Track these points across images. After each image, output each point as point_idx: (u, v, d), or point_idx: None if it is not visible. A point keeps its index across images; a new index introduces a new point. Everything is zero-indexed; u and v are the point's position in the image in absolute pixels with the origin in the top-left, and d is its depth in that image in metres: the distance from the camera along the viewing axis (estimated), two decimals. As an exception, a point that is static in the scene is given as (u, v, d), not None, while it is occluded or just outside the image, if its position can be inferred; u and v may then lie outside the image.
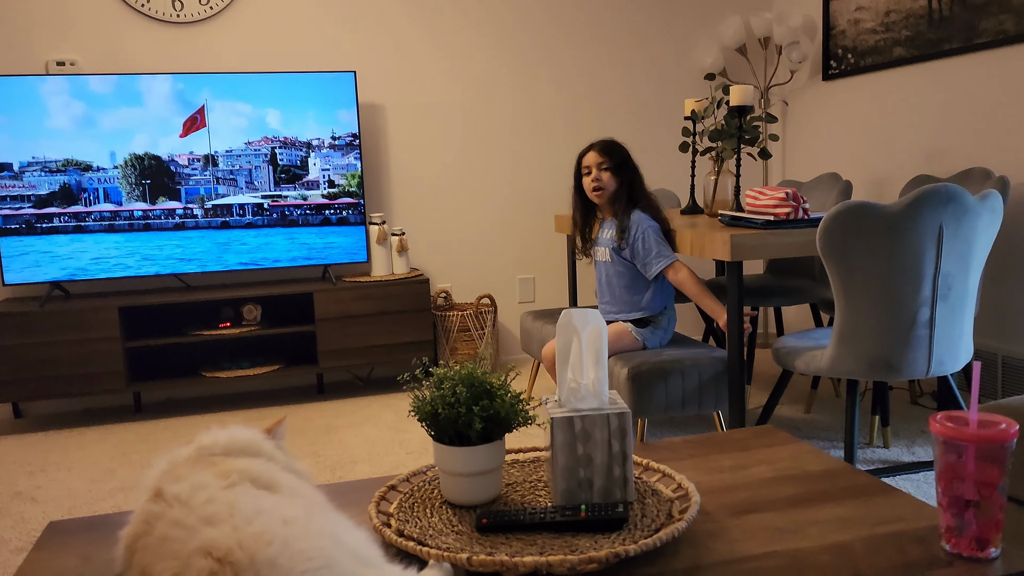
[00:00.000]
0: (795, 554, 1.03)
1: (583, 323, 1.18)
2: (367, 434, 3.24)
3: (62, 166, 3.49)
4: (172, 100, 3.58)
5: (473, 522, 1.12)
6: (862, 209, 2.06)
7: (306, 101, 3.73)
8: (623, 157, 2.78)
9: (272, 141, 3.72)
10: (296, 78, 3.71)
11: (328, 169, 3.81)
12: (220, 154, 3.66)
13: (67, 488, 2.77)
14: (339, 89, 3.76)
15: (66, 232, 3.52)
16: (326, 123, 3.77)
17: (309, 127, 3.76)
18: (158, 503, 0.95)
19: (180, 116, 3.60)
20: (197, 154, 3.64)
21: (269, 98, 3.69)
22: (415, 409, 1.17)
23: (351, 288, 3.71)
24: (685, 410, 2.58)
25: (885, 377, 2.19)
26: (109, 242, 3.57)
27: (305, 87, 3.72)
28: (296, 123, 3.74)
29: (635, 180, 2.79)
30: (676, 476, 1.22)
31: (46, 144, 3.47)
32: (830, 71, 4.08)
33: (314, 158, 3.78)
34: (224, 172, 3.68)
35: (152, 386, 3.55)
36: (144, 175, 3.59)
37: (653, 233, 2.68)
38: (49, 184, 3.48)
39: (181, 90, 3.58)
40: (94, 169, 3.53)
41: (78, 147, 3.50)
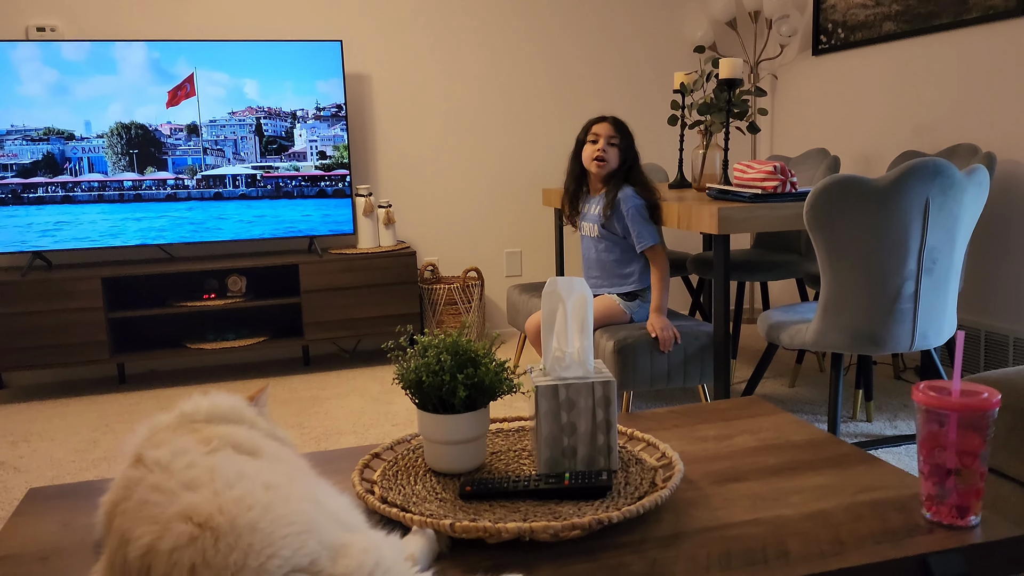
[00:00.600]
0: (777, 521, 1.04)
1: (568, 291, 1.17)
2: (352, 406, 3.24)
3: (43, 135, 3.43)
4: (154, 68, 3.53)
5: (457, 490, 1.12)
6: (849, 183, 2.05)
7: (291, 71, 3.69)
8: (631, 140, 2.79)
9: (257, 111, 3.68)
10: (281, 47, 3.66)
11: (315, 140, 3.77)
12: (205, 124, 3.62)
13: (49, 458, 2.75)
14: (325, 59, 3.71)
15: (54, 203, 3.47)
16: (312, 93, 3.72)
17: (294, 97, 3.71)
18: (138, 468, 0.94)
19: (162, 85, 3.54)
20: (182, 124, 3.59)
21: (254, 67, 3.64)
22: (399, 377, 1.16)
23: (337, 260, 3.69)
24: (670, 383, 2.59)
25: (869, 351, 2.20)
26: (96, 212, 3.53)
27: (290, 56, 3.67)
28: (281, 93, 3.69)
29: (634, 167, 2.78)
30: (660, 445, 1.22)
31: (25, 112, 3.41)
32: (820, 45, 4.06)
33: (299, 129, 3.74)
34: (209, 143, 3.63)
35: (135, 357, 3.53)
36: (131, 145, 3.54)
37: (636, 212, 2.67)
38: (32, 153, 3.43)
39: (163, 58, 3.53)
40: (77, 138, 3.48)
41: (58, 116, 3.45)
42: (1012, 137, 3.00)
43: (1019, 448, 1.52)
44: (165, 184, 3.60)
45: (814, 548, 0.97)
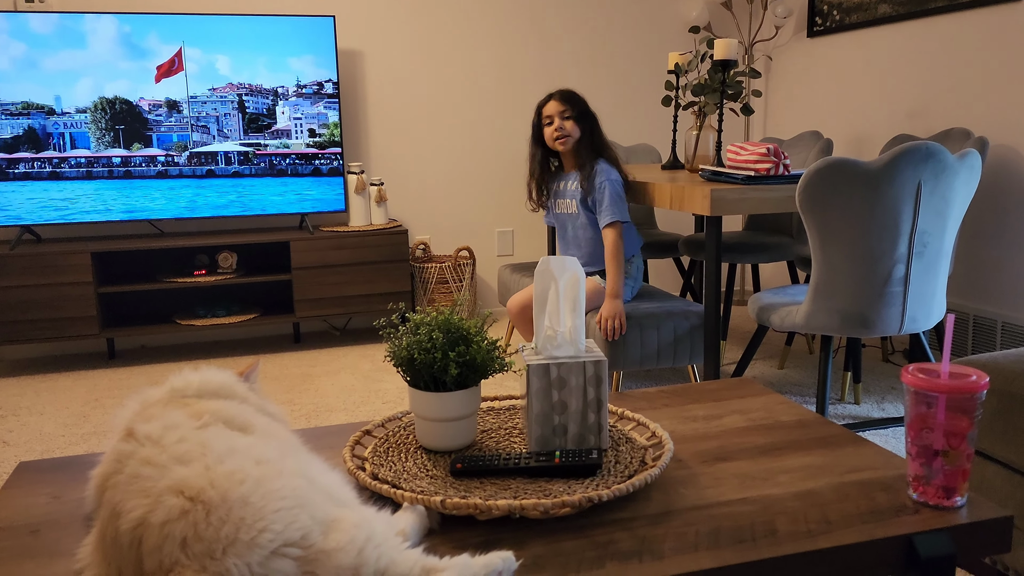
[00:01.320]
0: (765, 500, 1.05)
1: (561, 270, 1.17)
2: (343, 383, 3.24)
3: (23, 109, 3.39)
4: (141, 43, 3.49)
5: (447, 467, 1.12)
6: (842, 165, 2.05)
7: (283, 46, 3.65)
8: (584, 106, 2.75)
9: (248, 87, 3.64)
10: (273, 21, 3.62)
11: (302, 118, 3.74)
12: (192, 100, 3.58)
13: (39, 432, 2.75)
14: (317, 34, 3.68)
15: (40, 179, 3.44)
16: (304, 69, 3.69)
17: (287, 73, 3.68)
18: (129, 442, 0.94)
19: (148, 60, 3.50)
20: (168, 99, 3.55)
21: (245, 42, 3.60)
22: (391, 354, 1.16)
23: (329, 238, 3.68)
24: (660, 363, 2.60)
25: (859, 333, 2.21)
26: (88, 189, 3.50)
27: (282, 31, 3.63)
28: (273, 69, 3.66)
29: (595, 129, 2.76)
30: (650, 425, 1.22)
31: (3, 86, 3.37)
32: (815, 27, 4.05)
33: (290, 106, 3.71)
34: (196, 119, 3.60)
35: (125, 332, 3.51)
36: (116, 120, 3.50)
37: (611, 187, 2.66)
38: (12, 128, 3.39)
39: (151, 32, 3.48)
40: (59, 113, 3.44)
41: (35, 90, 3.41)
42: (1004, 122, 3.01)
43: (1005, 431, 1.54)
44: (155, 161, 3.57)
45: (802, 527, 0.98)
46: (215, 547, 0.78)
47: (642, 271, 2.84)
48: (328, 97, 3.74)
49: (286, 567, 0.79)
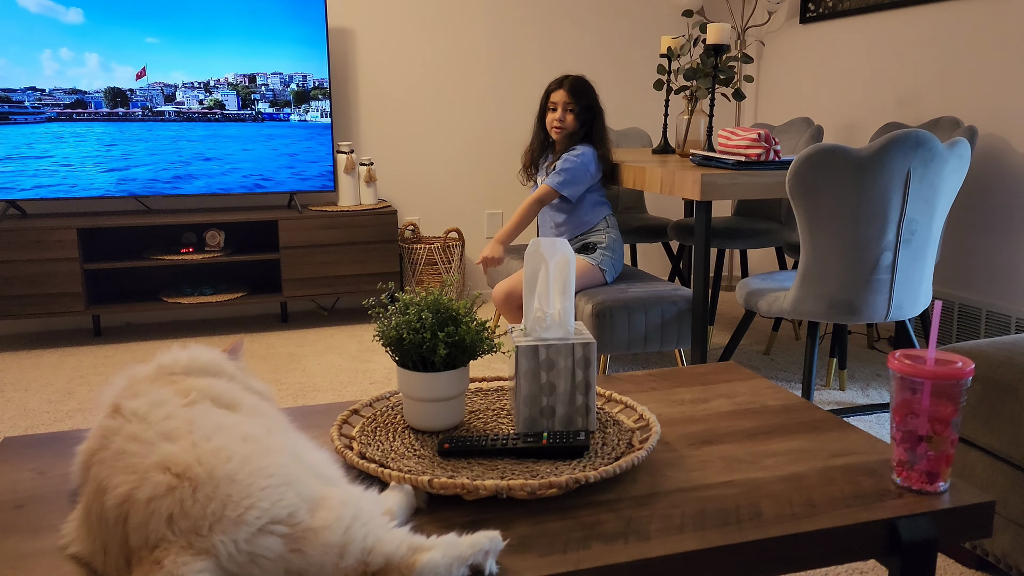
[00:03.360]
0: (751, 483, 1.05)
1: (551, 252, 1.17)
2: (330, 363, 3.23)
3: (16, 79, 3.35)
4: (120, 15, 3.44)
5: (435, 447, 1.12)
6: (832, 152, 2.06)
7: (273, 22, 3.61)
8: (590, 101, 2.77)
9: (236, 64, 3.61)
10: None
11: (286, 92, 3.71)
12: (182, 84, 3.54)
13: (23, 408, 2.73)
14: (308, 11, 3.64)
15: (24, 123, 3.40)
16: (295, 46, 3.66)
17: (278, 50, 3.64)
18: (116, 418, 0.94)
19: (138, 30, 3.46)
20: (158, 81, 3.51)
21: (233, 18, 3.56)
22: (380, 334, 1.16)
23: (317, 217, 3.66)
24: (647, 347, 2.61)
25: (845, 319, 2.22)
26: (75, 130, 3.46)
27: (272, 7, 3.59)
28: (263, 45, 3.62)
29: (597, 124, 2.78)
30: (638, 407, 1.23)
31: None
32: (808, 14, 4.04)
33: (281, 82, 3.68)
34: (186, 91, 3.57)
35: (111, 309, 3.49)
36: (108, 101, 3.47)
37: (573, 161, 2.68)
38: None
39: (128, 4, 3.43)
40: (46, 92, 3.40)
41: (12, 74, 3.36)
42: (994, 111, 3.02)
43: (988, 418, 1.55)
44: (146, 112, 3.54)
45: (786, 510, 0.98)
46: (201, 524, 0.78)
47: (620, 244, 2.83)
48: (316, 73, 3.70)
49: (273, 544, 0.79)
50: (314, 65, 3.70)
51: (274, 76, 3.70)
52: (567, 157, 2.70)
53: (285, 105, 3.70)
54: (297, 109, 3.71)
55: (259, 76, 3.67)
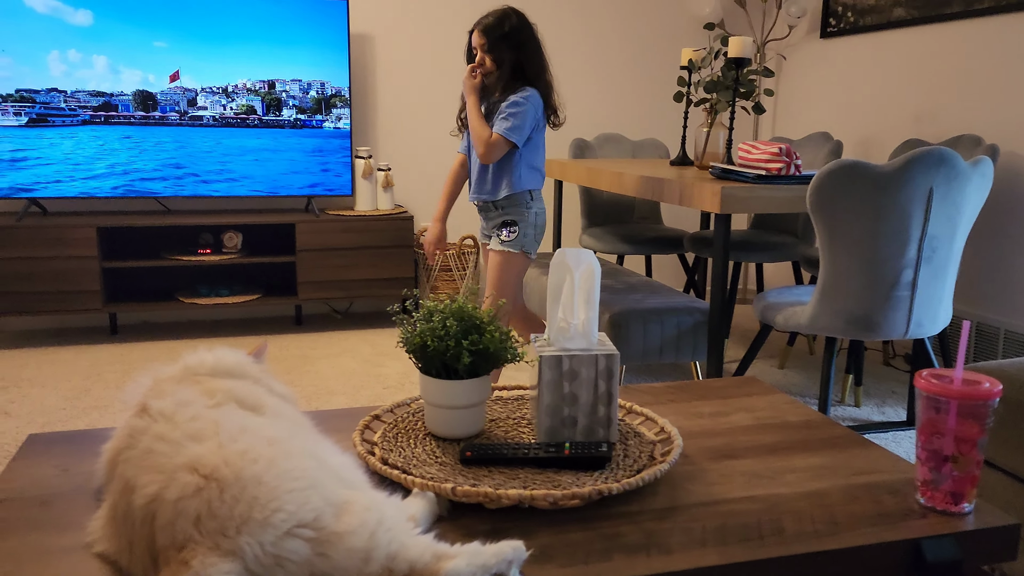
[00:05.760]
0: (772, 499, 1.05)
1: (577, 262, 1.17)
2: (344, 366, 3.24)
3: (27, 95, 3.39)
4: (146, 18, 3.47)
5: (456, 454, 1.12)
6: (855, 168, 2.05)
7: (294, 29, 3.64)
8: (500, 35, 2.43)
9: (258, 70, 3.63)
10: (285, 3, 3.60)
11: (309, 98, 3.73)
12: (203, 88, 3.57)
13: (41, 404, 2.75)
14: (330, 17, 3.66)
15: (55, 126, 3.43)
16: (316, 52, 3.68)
17: (298, 55, 3.67)
18: (143, 418, 0.94)
19: (156, 38, 3.49)
20: (181, 86, 3.54)
21: (255, 24, 3.58)
22: (404, 341, 1.16)
23: (334, 221, 3.67)
24: (662, 358, 2.60)
25: (863, 336, 2.21)
26: (102, 137, 3.49)
27: (294, 14, 3.62)
28: (284, 51, 3.64)
29: (526, 59, 2.44)
30: (659, 420, 1.23)
31: (24, 54, 3.36)
32: (828, 28, 4.04)
33: (301, 88, 3.70)
34: (208, 95, 3.59)
35: (128, 308, 3.51)
36: (139, 105, 3.50)
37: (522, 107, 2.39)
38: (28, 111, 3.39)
39: (156, 7, 3.47)
40: (69, 94, 3.43)
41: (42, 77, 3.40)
42: (1015, 130, 3.00)
43: (1010, 439, 1.54)
44: (163, 119, 3.57)
45: (809, 527, 0.98)
46: (228, 525, 0.78)
47: (543, 216, 2.56)
48: (337, 79, 3.72)
49: (298, 547, 0.79)
50: (334, 71, 3.72)
51: (293, 82, 3.72)
52: (512, 99, 2.40)
53: (304, 111, 3.72)
54: (316, 115, 3.73)
55: (279, 82, 3.69)
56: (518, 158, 2.47)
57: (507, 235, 2.52)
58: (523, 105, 2.40)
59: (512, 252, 2.51)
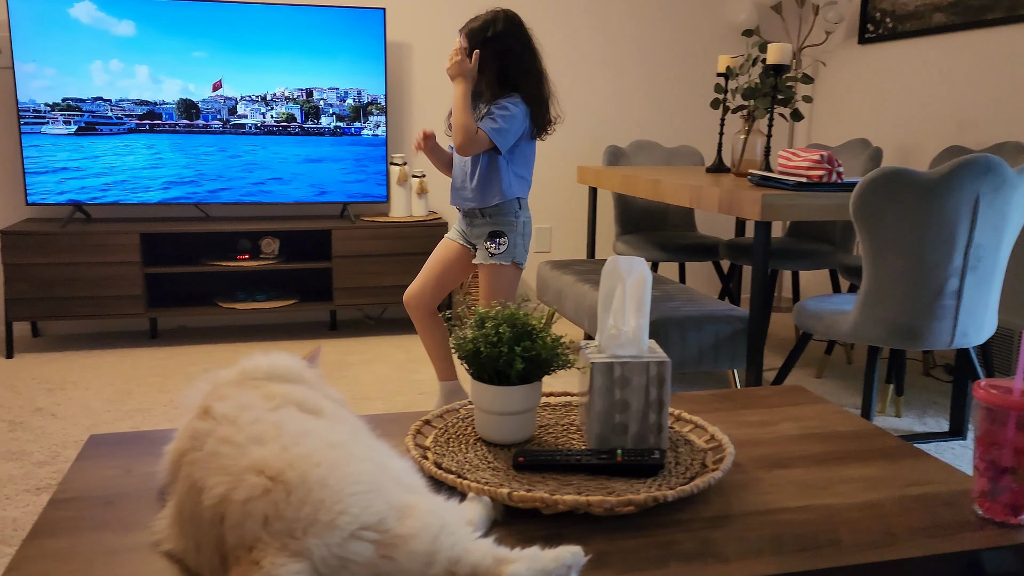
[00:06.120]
0: (826, 510, 1.05)
1: (629, 270, 1.18)
2: (378, 372, 3.27)
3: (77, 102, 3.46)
4: (187, 29, 3.53)
5: (508, 460, 1.13)
6: (899, 175, 2.04)
7: (332, 38, 3.68)
8: (483, 40, 2.35)
9: (296, 78, 3.68)
10: (323, 12, 3.65)
11: (348, 105, 3.77)
12: (242, 97, 3.63)
13: (85, 406, 2.81)
14: (368, 26, 3.70)
15: (103, 135, 3.50)
16: (353, 61, 3.72)
17: (335, 64, 3.71)
18: (206, 420, 0.96)
19: (197, 48, 3.55)
20: (223, 95, 3.60)
21: (293, 34, 3.63)
22: (456, 347, 1.17)
23: (369, 227, 3.71)
24: (700, 366, 2.59)
25: (907, 345, 2.19)
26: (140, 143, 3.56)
27: (331, 22, 3.66)
28: (322, 60, 3.69)
29: (509, 63, 2.34)
30: (709, 428, 1.23)
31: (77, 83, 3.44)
32: (866, 34, 4.01)
33: (337, 96, 3.74)
34: (248, 104, 3.65)
35: (168, 313, 3.57)
36: (181, 112, 3.56)
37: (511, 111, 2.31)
38: (76, 120, 3.46)
39: (199, 20, 3.53)
40: (113, 103, 3.50)
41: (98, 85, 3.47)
42: (1061, 138, 2.96)
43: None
44: (209, 117, 3.62)
45: (865, 537, 0.98)
46: (295, 527, 0.80)
47: (530, 224, 2.51)
48: (374, 86, 3.76)
49: (364, 550, 0.80)
50: (371, 79, 3.75)
51: (331, 90, 3.76)
52: (502, 103, 2.32)
53: (342, 119, 3.76)
54: (355, 122, 3.77)
55: (316, 90, 3.73)
56: (505, 165, 2.39)
57: (496, 247, 2.44)
58: (512, 111, 2.31)
59: (504, 265, 2.43)
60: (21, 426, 2.62)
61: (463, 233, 2.55)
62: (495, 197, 2.41)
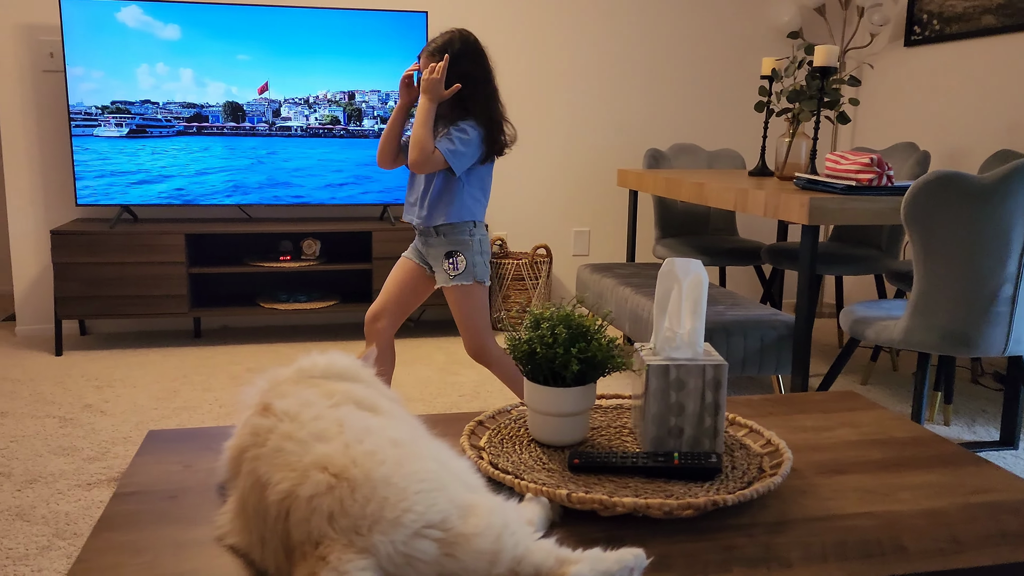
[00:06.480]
0: (889, 516, 1.03)
1: (685, 272, 1.17)
2: (419, 374, 3.28)
3: (138, 104, 3.52)
4: (232, 32, 3.58)
5: (562, 461, 1.13)
6: (953, 179, 2.00)
7: (375, 41, 3.71)
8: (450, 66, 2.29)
9: (337, 81, 3.71)
10: (366, 16, 3.68)
11: (386, 108, 3.79)
12: (285, 100, 3.67)
13: (133, 403, 2.85)
14: (411, 29, 3.73)
15: (152, 137, 3.57)
16: (395, 64, 3.74)
17: (377, 67, 3.74)
18: (267, 417, 0.97)
19: (240, 51, 3.60)
20: (267, 98, 3.65)
21: (336, 36, 3.67)
22: (511, 348, 1.17)
23: (408, 229, 3.72)
24: (745, 371, 2.57)
25: (959, 352, 2.15)
26: (195, 146, 3.62)
27: (375, 26, 3.69)
28: (364, 62, 3.72)
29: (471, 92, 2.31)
30: (764, 432, 1.21)
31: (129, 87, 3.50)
32: (913, 36, 3.94)
33: (379, 98, 3.77)
34: (291, 106, 3.69)
35: (211, 312, 3.62)
36: (226, 115, 3.61)
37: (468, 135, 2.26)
38: (129, 124, 3.53)
39: (243, 24, 3.57)
40: (161, 106, 3.56)
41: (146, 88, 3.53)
42: (1118, 141, 2.88)
43: None
44: (252, 129, 3.67)
45: (931, 545, 0.96)
46: (361, 523, 0.80)
47: (487, 238, 2.46)
48: (417, 91, 3.78)
49: (428, 548, 0.81)
50: (413, 81, 3.77)
51: (372, 93, 3.79)
52: (461, 125, 2.28)
53: (385, 121, 3.79)
54: (395, 124, 3.80)
55: (358, 93, 3.76)
56: (460, 186, 2.33)
57: (453, 268, 2.37)
58: (470, 134, 2.27)
59: (465, 284, 2.37)
60: (71, 422, 2.68)
61: (419, 252, 2.48)
62: (447, 216, 2.34)
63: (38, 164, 3.69)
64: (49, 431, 2.60)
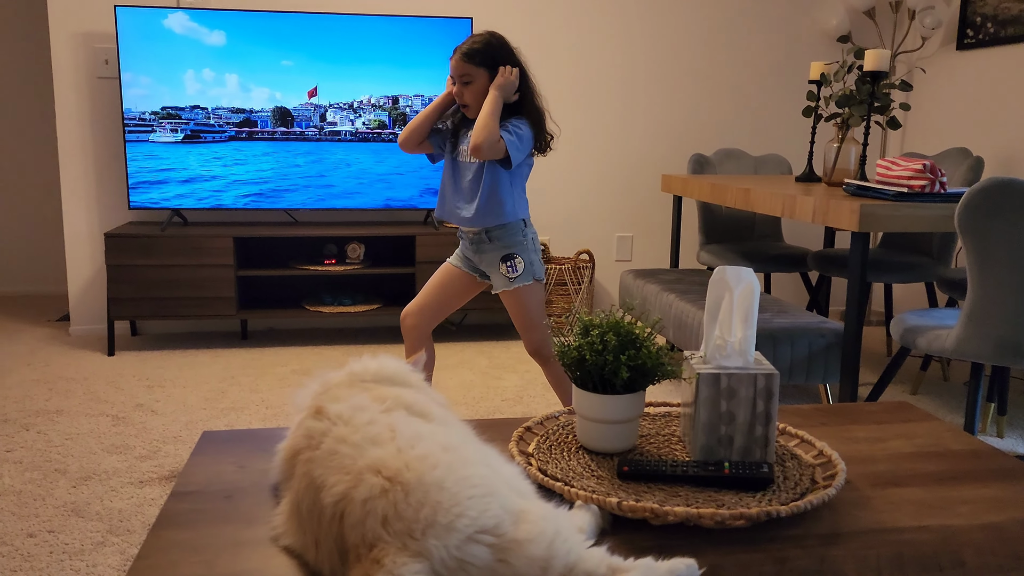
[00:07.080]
0: (947, 530, 1.01)
1: (736, 280, 1.16)
2: (462, 378, 3.29)
3: (187, 111, 3.60)
4: (280, 40, 3.64)
5: (611, 468, 1.13)
6: (1009, 186, 1.95)
7: (419, 47, 3.74)
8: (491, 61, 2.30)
9: (383, 87, 3.75)
10: (412, 22, 3.71)
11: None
12: (331, 105, 3.72)
13: (183, 403, 2.91)
14: (455, 36, 3.75)
15: (205, 143, 3.64)
16: (439, 69, 3.77)
17: (421, 72, 3.77)
18: (321, 420, 0.99)
19: (285, 56, 3.65)
20: (314, 104, 3.70)
21: (381, 42, 3.71)
22: (560, 354, 1.18)
23: (451, 233, 3.74)
24: (792, 379, 2.53)
25: (1015, 363, 2.10)
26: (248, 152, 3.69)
27: (420, 33, 3.72)
28: (408, 68, 3.75)
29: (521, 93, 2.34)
30: (816, 443, 1.20)
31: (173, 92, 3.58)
32: (965, 40, 3.86)
33: (423, 103, 3.80)
34: (337, 111, 3.74)
35: (258, 314, 3.67)
36: (275, 120, 3.68)
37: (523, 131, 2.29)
38: (182, 129, 3.61)
39: (288, 30, 3.63)
40: (211, 111, 3.63)
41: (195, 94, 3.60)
42: None
43: None
44: (301, 134, 3.73)
45: (991, 560, 0.94)
46: (414, 527, 0.81)
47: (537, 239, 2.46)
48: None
49: (481, 553, 0.81)
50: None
51: (416, 97, 3.82)
52: (514, 122, 2.30)
53: (428, 125, 3.82)
54: (440, 129, 3.82)
55: (402, 98, 3.80)
56: (509, 185, 2.33)
57: (513, 271, 2.36)
58: (523, 131, 2.30)
59: (527, 285, 2.37)
60: (123, 421, 2.74)
61: (467, 260, 2.46)
62: (501, 217, 2.33)
63: (92, 168, 3.79)
64: (102, 429, 2.66)
